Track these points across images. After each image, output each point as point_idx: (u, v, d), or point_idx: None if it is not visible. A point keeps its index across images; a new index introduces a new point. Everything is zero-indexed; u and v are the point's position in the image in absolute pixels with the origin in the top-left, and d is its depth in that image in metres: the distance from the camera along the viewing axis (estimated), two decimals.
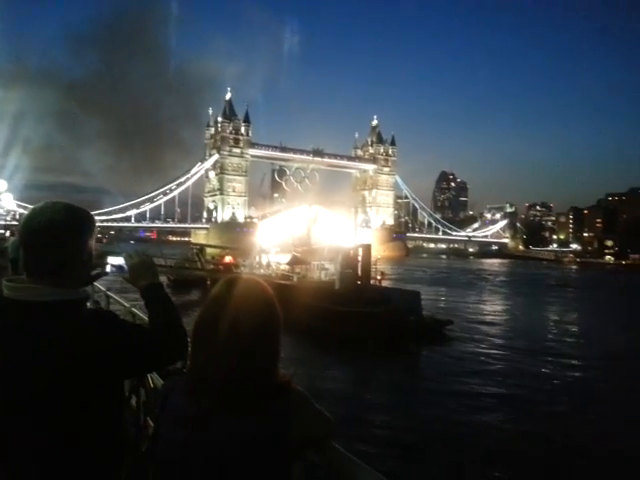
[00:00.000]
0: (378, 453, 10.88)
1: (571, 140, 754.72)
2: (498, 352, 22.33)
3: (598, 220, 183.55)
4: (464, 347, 22.83)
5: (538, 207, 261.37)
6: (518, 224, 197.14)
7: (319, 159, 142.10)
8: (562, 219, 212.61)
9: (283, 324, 1.27)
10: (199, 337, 1.29)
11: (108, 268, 1.76)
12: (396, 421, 13.29)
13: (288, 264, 34.67)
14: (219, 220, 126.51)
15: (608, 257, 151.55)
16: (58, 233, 1.38)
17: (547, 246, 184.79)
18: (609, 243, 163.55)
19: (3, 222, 52.56)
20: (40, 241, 1.38)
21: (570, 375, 18.86)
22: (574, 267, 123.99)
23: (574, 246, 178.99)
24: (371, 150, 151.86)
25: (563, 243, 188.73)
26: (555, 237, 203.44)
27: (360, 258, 27.89)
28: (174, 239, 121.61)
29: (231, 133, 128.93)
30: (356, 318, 21.87)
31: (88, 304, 1.48)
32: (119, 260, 1.73)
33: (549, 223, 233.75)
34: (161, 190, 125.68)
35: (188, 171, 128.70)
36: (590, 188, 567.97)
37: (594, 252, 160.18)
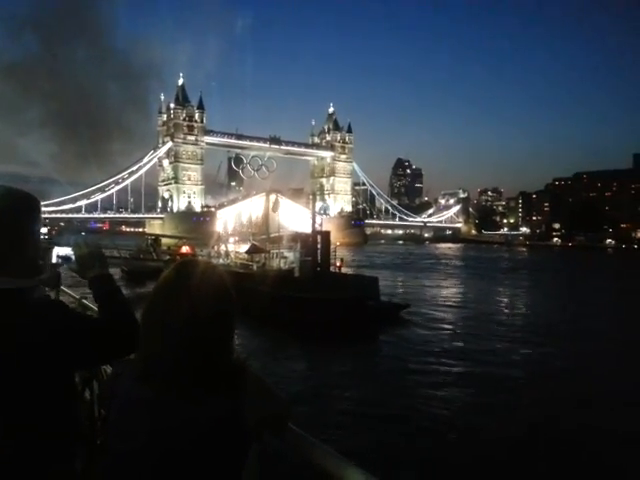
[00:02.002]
0: (338, 433, 11.08)
1: (520, 127, 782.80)
2: (453, 333, 23.15)
3: (546, 204, 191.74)
4: (421, 329, 23.47)
5: (489, 192, 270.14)
6: (470, 209, 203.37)
7: (276, 147, 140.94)
8: (512, 204, 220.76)
9: (243, 313, 1.27)
10: (150, 321, 1.25)
11: (54, 259, 1.73)
12: (354, 402, 13.56)
13: (247, 253, 34.38)
14: (175, 210, 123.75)
15: (555, 239, 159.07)
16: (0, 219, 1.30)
17: (498, 230, 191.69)
18: (556, 226, 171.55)
19: None
20: None
21: (519, 351, 19.75)
22: (524, 250, 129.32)
23: (523, 229, 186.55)
24: (328, 137, 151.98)
25: (513, 227, 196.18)
26: (505, 221, 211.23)
27: (319, 245, 28.00)
28: (127, 230, 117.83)
29: (185, 120, 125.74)
30: (316, 305, 22.03)
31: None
32: (66, 251, 1.70)
33: (500, 208, 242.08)
34: (113, 179, 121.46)
35: (140, 159, 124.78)
36: (538, 173, 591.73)
37: (542, 235, 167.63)
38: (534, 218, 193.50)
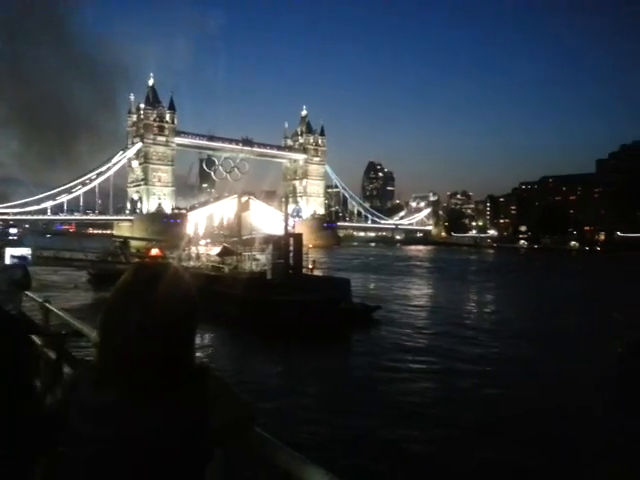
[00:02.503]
0: (309, 434, 11.11)
1: (488, 131, 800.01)
2: (422, 333, 23.57)
3: (513, 207, 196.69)
4: (391, 330, 23.77)
5: (459, 196, 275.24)
6: (441, 212, 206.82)
7: (248, 148, 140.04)
8: (480, 207, 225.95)
9: (214, 316, 1.26)
10: (108, 324, 1.21)
11: (8, 259, 1.70)
12: (326, 404, 13.62)
13: (218, 255, 34.07)
14: (144, 211, 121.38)
15: (522, 242, 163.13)
16: None
17: (467, 232, 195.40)
18: (523, 228, 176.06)
19: None
20: None
21: (486, 350, 20.28)
22: (491, 251, 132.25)
23: (492, 232, 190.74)
24: (301, 140, 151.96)
25: (482, 229, 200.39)
26: (474, 224, 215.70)
27: (292, 248, 28.00)
28: (95, 232, 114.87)
29: (155, 120, 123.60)
30: (288, 307, 22.02)
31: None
32: (21, 251, 1.65)
33: (469, 211, 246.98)
34: (80, 180, 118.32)
35: (109, 160, 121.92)
36: (506, 177, 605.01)
37: (509, 237, 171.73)
38: (502, 221, 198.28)
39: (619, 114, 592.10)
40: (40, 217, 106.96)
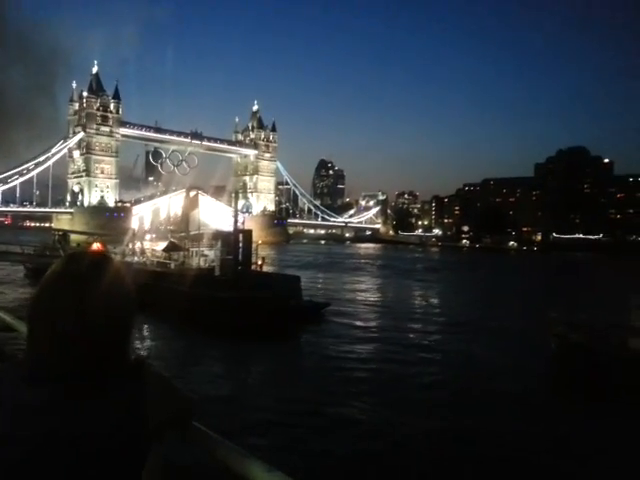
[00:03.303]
0: (254, 431, 11.19)
1: (436, 133, 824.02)
2: (370, 329, 24.19)
3: (456, 207, 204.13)
4: (340, 327, 24.17)
5: (406, 195, 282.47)
6: (389, 211, 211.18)
7: (198, 142, 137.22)
8: (426, 207, 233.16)
9: (160, 312, 1.20)
10: (36, 318, 1.12)
11: None
12: (272, 401, 13.69)
13: (164, 251, 33.31)
14: (85, 204, 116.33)
15: (465, 241, 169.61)
16: None
17: (413, 231, 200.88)
18: (465, 228, 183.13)
19: None
20: None
21: (425, 343, 21.17)
22: (436, 250, 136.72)
23: (436, 231, 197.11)
24: (252, 135, 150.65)
25: (427, 228, 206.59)
26: (420, 223, 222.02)
27: (241, 244, 27.82)
28: (32, 225, 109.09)
29: (98, 110, 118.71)
30: (237, 304, 21.90)
31: None
32: None
33: (415, 210, 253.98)
34: (16, 170, 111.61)
35: (48, 150, 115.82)
36: (451, 179, 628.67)
37: (453, 236, 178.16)
38: (446, 220, 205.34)
39: (557, 119, 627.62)
40: None
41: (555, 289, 41.40)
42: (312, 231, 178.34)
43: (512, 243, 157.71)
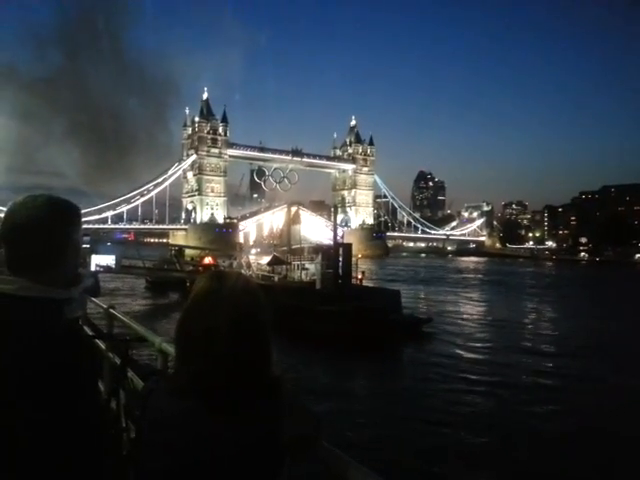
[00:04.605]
0: (367, 450, 10.90)
1: (545, 139, 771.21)
2: (475, 348, 22.68)
3: (572, 218, 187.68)
4: (443, 344, 23.08)
5: (514, 205, 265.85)
6: (495, 222, 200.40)
7: (298, 159, 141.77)
8: (537, 217, 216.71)
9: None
10: (189, 333, 1.18)
11: (93, 267, 1.67)
12: (381, 418, 13.36)
13: (268, 264, 34.52)
14: (198, 221, 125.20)
15: (583, 254, 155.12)
16: (39, 227, 1.29)
17: (523, 244, 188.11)
18: (583, 240, 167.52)
19: None
20: (21, 236, 1.28)
21: (544, 368, 19.26)
22: (550, 264, 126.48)
23: (549, 243, 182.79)
24: (350, 150, 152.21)
25: (539, 241, 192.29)
26: (531, 235, 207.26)
27: (341, 257, 27.93)
28: (152, 240, 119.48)
29: (209, 133, 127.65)
30: (338, 317, 21.91)
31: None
32: (106, 259, 1.61)
33: (525, 221, 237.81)
34: (138, 191, 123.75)
35: (165, 171, 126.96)
36: (564, 187, 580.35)
37: (569, 249, 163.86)
38: (560, 232, 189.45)
39: None
40: (102, 226, 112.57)
41: None
42: (412, 244, 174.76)
43: (639, 256, 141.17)
